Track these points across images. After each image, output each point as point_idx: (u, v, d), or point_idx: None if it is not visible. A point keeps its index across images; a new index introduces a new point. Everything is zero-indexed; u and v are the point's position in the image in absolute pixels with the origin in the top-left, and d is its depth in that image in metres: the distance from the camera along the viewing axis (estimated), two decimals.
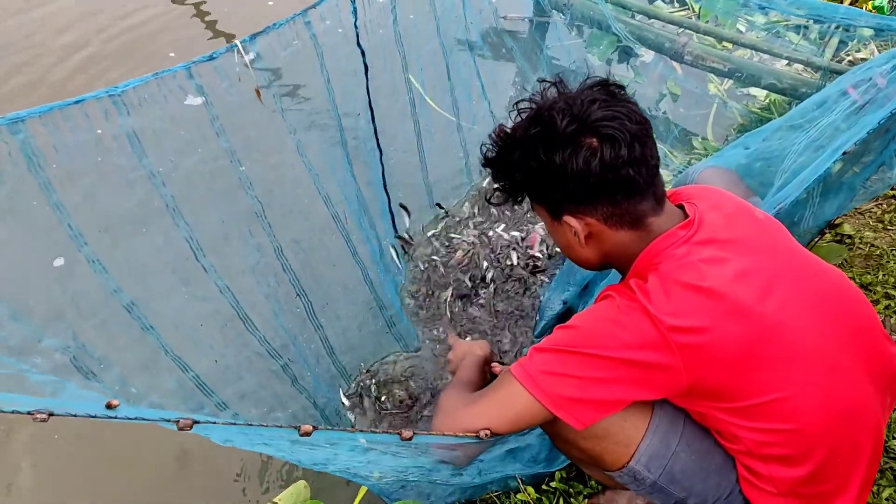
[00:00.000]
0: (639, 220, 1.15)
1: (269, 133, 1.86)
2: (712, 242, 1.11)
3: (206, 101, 1.45)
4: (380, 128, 2.05)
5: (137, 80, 1.38)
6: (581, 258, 1.26)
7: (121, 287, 1.56)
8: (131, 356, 1.80)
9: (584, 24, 2.92)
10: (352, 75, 1.92)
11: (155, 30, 3.46)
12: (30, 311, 1.90)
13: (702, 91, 2.99)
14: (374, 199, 2.23)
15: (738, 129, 2.84)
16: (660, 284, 1.07)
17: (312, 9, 1.59)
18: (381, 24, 1.94)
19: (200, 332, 1.88)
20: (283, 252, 1.82)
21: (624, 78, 3.06)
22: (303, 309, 1.91)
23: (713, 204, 1.19)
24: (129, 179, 1.56)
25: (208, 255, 1.70)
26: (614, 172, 1.10)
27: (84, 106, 1.34)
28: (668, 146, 2.78)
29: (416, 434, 0.98)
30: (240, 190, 1.67)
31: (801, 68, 2.80)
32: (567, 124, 1.11)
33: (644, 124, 1.13)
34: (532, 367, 1.11)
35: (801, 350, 1.07)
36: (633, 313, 1.07)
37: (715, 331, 1.03)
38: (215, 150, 1.62)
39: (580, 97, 1.13)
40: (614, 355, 1.06)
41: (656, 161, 1.15)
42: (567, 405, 1.08)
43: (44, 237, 1.70)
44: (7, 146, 1.31)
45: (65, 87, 3.10)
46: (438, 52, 2.28)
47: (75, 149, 1.42)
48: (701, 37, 2.90)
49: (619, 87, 1.17)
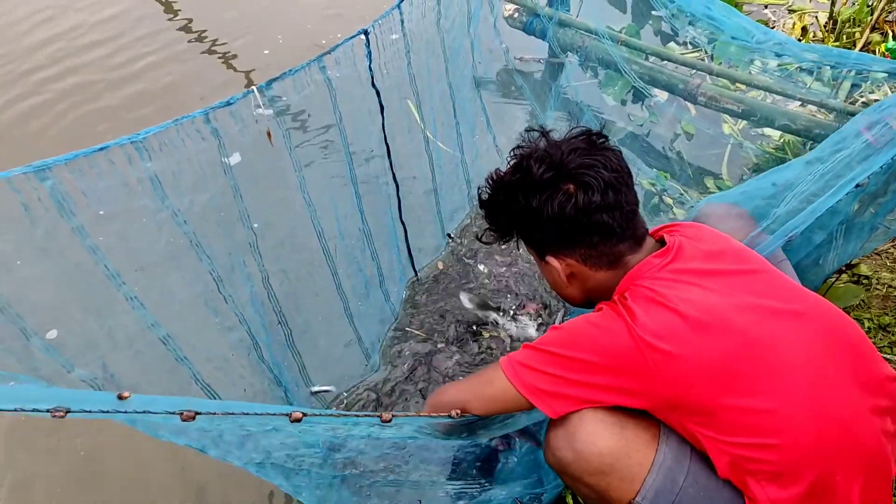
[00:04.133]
0: (616, 261, 1.25)
1: (275, 170, 1.94)
2: (689, 270, 1.17)
3: (220, 143, 1.51)
4: (395, 163, 2.12)
5: (157, 126, 1.44)
6: (566, 295, 1.36)
7: (158, 322, 1.63)
8: (163, 386, 1.86)
9: (598, 66, 2.97)
10: (366, 114, 2.00)
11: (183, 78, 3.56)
12: (63, 343, 1.96)
13: (716, 131, 3.00)
14: (380, 231, 2.30)
15: (752, 169, 2.84)
16: (636, 301, 1.14)
17: (328, 54, 1.65)
18: (396, 66, 2.02)
19: (231, 361, 1.94)
20: (270, 280, 1.89)
21: (639, 118, 3.09)
22: (283, 336, 1.99)
23: (693, 235, 1.25)
24: (158, 220, 1.62)
25: (226, 285, 1.76)
26: (588, 217, 1.20)
27: (108, 152, 1.40)
28: (682, 185, 2.78)
29: (394, 416, 1.09)
30: (238, 222, 1.75)
31: (815, 109, 2.81)
32: (544, 171, 1.22)
33: (620, 172, 1.22)
34: (515, 359, 1.22)
35: (783, 365, 1.09)
36: (614, 322, 1.14)
37: (691, 344, 1.08)
38: (223, 186, 1.69)
39: (562, 146, 1.24)
40: (590, 359, 1.14)
41: (632, 207, 1.24)
42: (539, 394, 1.18)
43: (79, 276, 1.77)
44: (37, 192, 1.37)
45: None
46: (446, 92, 2.38)
47: (104, 193, 1.48)
48: (714, 78, 2.92)
49: (600, 137, 1.28)
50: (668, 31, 3.14)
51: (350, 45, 1.69)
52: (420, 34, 2.15)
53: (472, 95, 2.63)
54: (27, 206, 1.36)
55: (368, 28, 1.77)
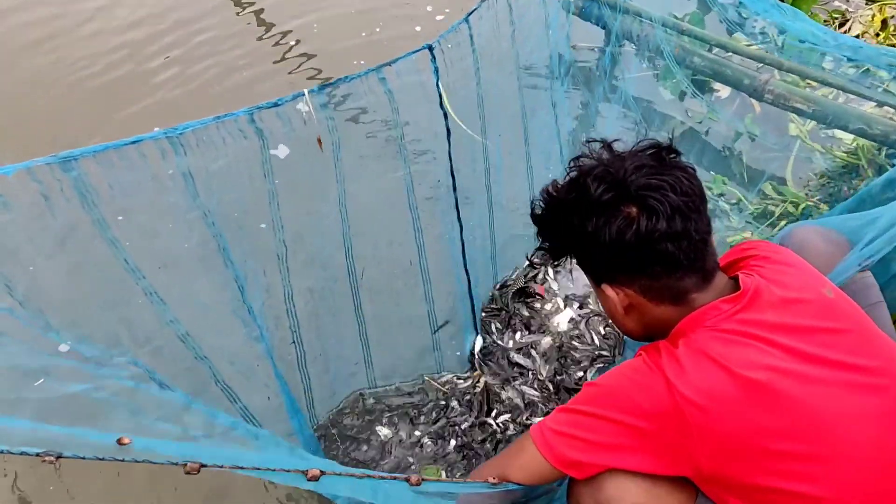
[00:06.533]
0: (681, 296, 1.11)
1: (316, 180, 1.81)
2: (759, 322, 1.04)
3: (264, 144, 1.41)
4: (459, 198, 1.94)
5: (197, 122, 1.34)
6: (623, 328, 1.24)
7: (177, 318, 1.55)
8: (183, 384, 1.79)
9: (657, 56, 2.78)
10: (432, 138, 1.84)
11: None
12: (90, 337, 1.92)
13: (781, 132, 2.81)
14: (441, 278, 2.11)
15: (820, 176, 2.65)
16: (686, 352, 1.03)
17: (388, 66, 1.51)
18: (464, 84, 1.85)
19: (257, 371, 1.87)
20: (293, 298, 1.77)
21: (698, 114, 2.90)
22: (294, 357, 1.86)
23: (773, 277, 1.09)
24: (188, 220, 1.54)
25: (248, 294, 1.67)
26: (650, 246, 1.06)
27: (141, 146, 1.32)
28: (741, 190, 2.61)
29: (424, 480, 0.98)
30: (269, 231, 1.65)
31: (893, 112, 2.60)
32: (603, 191, 1.09)
33: (691, 196, 1.08)
34: (546, 426, 1.14)
35: (843, 449, 0.97)
36: (653, 378, 1.04)
37: (738, 411, 0.97)
38: (259, 190, 1.59)
39: (626, 161, 1.10)
40: (625, 420, 1.05)
41: (703, 236, 1.09)
42: (571, 464, 1.11)
43: (99, 270, 1.71)
44: (60, 183, 1.30)
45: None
46: (518, 114, 2.18)
47: (130, 187, 1.41)
48: (783, 74, 2.72)
49: (671, 152, 1.11)
50: (735, 20, 2.92)
51: (413, 60, 1.56)
52: (490, 51, 1.95)
53: (549, 120, 2.39)
54: (47, 196, 1.29)
55: (433, 43, 1.62)
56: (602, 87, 2.72)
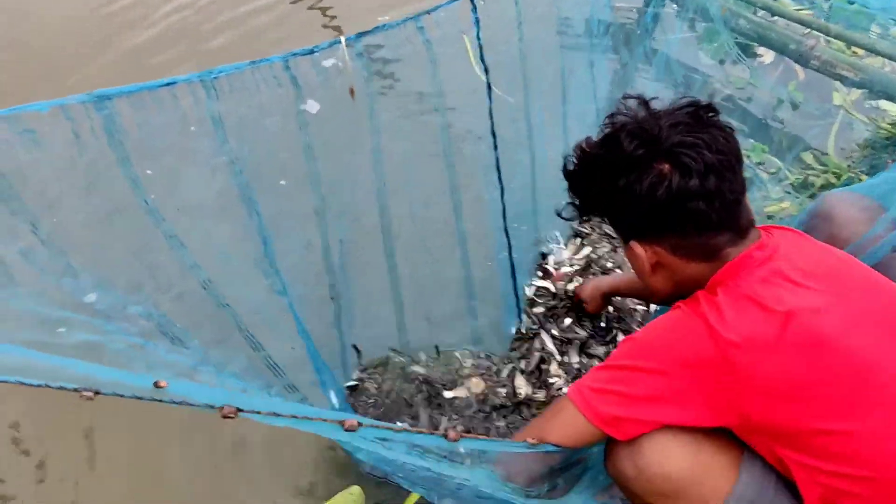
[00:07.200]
0: (713, 253, 1.08)
1: (350, 132, 1.75)
2: (791, 268, 1.03)
3: (299, 94, 1.37)
4: (500, 158, 1.85)
5: (231, 66, 1.31)
6: (651, 287, 1.20)
7: (198, 263, 1.53)
8: (206, 331, 1.79)
9: (700, 18, 2.69)
10: (470, 93, 1.76)
11: None
12: (111, 282, 1.91)
13: (824, 100, 2.71)
14: (480, 242, 2.04)
15: (863, 146, 2.56)
16: (728, 298, 1.01)
17: (426, 14, 1.45)
18: (505, 39, 1.76)
19: (281, 322, 1.85)
20: (328, 251, 1.73)
21: (739, 79, 2.81)
22: (322, 312, 1.82)
23: (792, 242, 1.11)
24: (212, 165, 1.50)
25: (272, 247, 1.63)
26: (681, 204, 1.04)
27: (174, 88, 1.29)
28: (781, 159, 2.53)
29: (462, 436, 0.95)
30: (305, 185, 1.60)
31: None
32: (635, 147, 1.06)
33: (727, 155, 1.05)
34: (584, 384, 1.12)
35: (887, 393, 0.96)
36: (694, 325, 1.02)
37: (786, 353, 0.96)
38: (292, 142, 1.54)
39: (662, 119, 1.07)
40: (666, 369, 1.03)
41: (736, 196, 1.07)
42: (611, 422, 1.08)
43: (124, 213, 1.68)
44: (91, 121, 1.28)
45: None
46: (557, 73, 2.09)
47: (158, 129, 1.38)
48: (830, 40, 2.62)
49: (709, 111, 1.08)
50: None
51: (453, 9, 1.49)
52: (532, 5, 1.85)
53: (586, 80, 2.28)
54: (78, 134, 1.27)
55: None
56: (642, 48, 2.62)
